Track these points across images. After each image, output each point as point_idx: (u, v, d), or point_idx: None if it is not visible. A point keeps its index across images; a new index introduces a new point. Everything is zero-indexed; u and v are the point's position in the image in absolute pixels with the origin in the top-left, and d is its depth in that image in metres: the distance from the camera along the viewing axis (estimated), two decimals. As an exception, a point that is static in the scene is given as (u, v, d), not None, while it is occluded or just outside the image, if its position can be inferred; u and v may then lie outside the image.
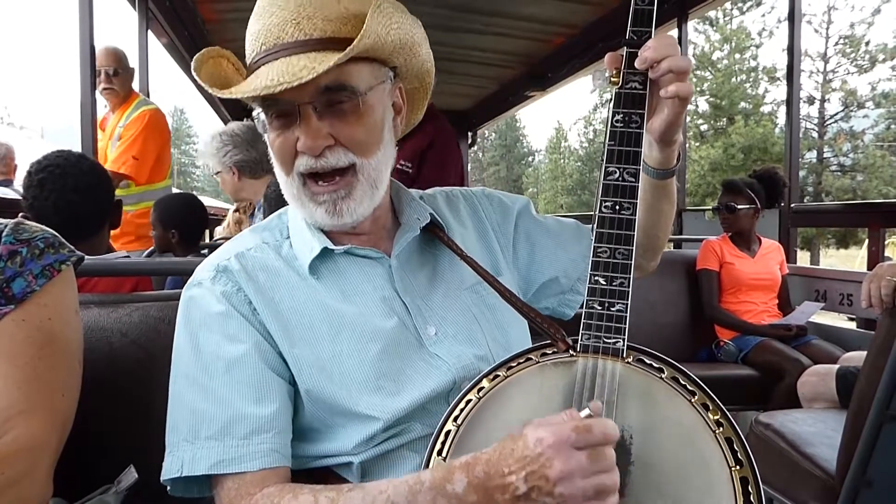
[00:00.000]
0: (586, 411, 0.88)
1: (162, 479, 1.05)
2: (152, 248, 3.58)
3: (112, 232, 2.39)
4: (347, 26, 1.07)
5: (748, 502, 0.88)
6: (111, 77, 3.97)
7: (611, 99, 1.09)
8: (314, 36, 1.05)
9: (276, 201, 2.61)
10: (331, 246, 1.15)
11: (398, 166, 3.91)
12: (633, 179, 1.04)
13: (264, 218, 1.35)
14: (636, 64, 1.05)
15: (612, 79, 1.09)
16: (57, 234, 1.22)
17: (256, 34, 1.09)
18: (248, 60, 1.12)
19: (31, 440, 1.04)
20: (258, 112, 1.12)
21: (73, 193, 2.05)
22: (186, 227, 3.46)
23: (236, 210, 5.73)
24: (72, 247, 1.23)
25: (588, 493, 0.83)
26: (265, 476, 1.02)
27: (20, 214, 2.00)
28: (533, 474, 0.83)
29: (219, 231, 6.54)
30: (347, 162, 1.09)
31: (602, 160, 1.06)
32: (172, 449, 1.06)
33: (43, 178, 2.04)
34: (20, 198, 2.12)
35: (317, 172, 1.09)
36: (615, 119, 1.06)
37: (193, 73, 1.10)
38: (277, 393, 1.07)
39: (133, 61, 4.78)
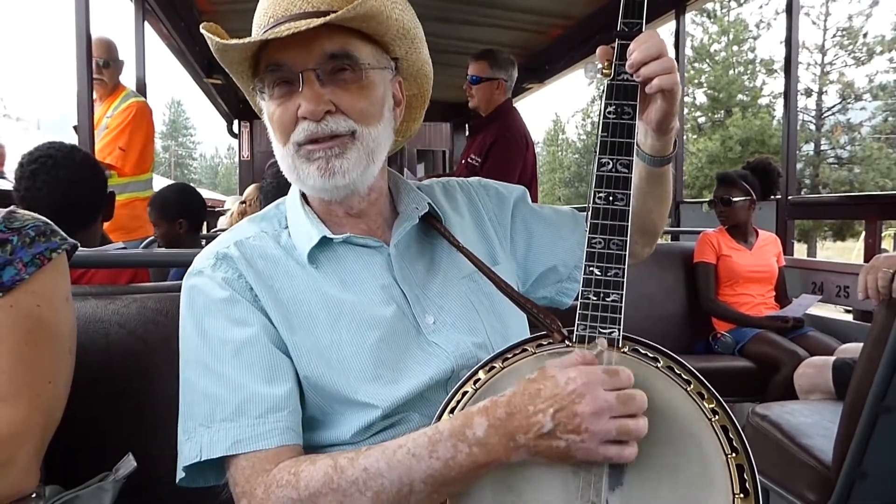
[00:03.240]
0: (598, 348, 0.94)
1: (181, 466, 1.05)
2: (149, 238, 3.57)
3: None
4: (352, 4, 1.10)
5: (744, 489, 0.89)
6: (101, 68, 3.98)
7: (603, 91, 1.09)
8: (321, 8, 1.08)
9: (272, 194, 2.61)
10: (330, 234, 1.16)
11: (469, 160, 4.18)
12: (626, 170, 1.04)
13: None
14: (627, 67, 1.05)
15: (604, 70, 1.09)
16: (49, 221, 1.21)
17: (266, 9, 1.11)
18: (253, 36, 1.13)
19: (11, 428, 1.03)
20: (257, 90, 1.14)
21: (65, 184, 2.04)
22: (192, 214, 3.46)
23: (242, 202, 5.74)
24: (64, 234, 1.22)
25: (611, 433, 0.86)
26: (280, 453, 1.02)
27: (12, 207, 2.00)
28: (562, 411, 0.86)
29: (222, 221, 6.53)
30: (347, 129, 1.10)
31: (595, 151, 1.06)
32: (189, 436, 1.05)
33: (35, 170, 2.04)
34: (12, 189, 2.12)
35: (315, 139, 1.10)
36: (608, 111, 1.06)
37: (204, 31, 1.10)
38: (288, 373, 1.08)
39: (129, 52, 4.78)
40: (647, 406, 0.89)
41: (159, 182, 4.95)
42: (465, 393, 1.00)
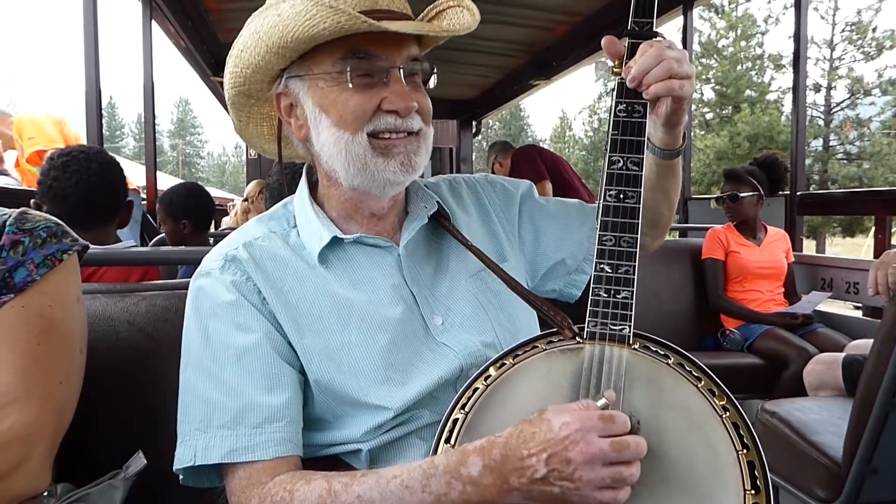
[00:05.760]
0: (602, 401, 0.90)
1: (175, 468, 1.06)
2: (160, 236, 3.60)
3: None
4: (408, 11, 1.15)
5: (755, 486, 0.89)
6: None
7: (614, 88, 1.09)
8: (405, 11, 1.13)
9: (278, 192, 2.61)
10: (340, 235, 1.15)
11: None
12: (637, 168, 1.04)
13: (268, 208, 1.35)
14: (628, 84, 1.05)
15: (615, 69, 1.09)
16: (61, 223, 1.22)
17: None
18: (327, 21, 1.04)
19: (25, 428, 1.03)
20: (329, 72, 1.10)
21: (95, 176, 2.13)
22: (196, 216, 3.49)
23: (245, 199, 5.76)
24: (76, 235, 1.22)
25: (606, 480, 0.85)
26: (277, 465, 1.02)
27: (32, 202, 2.03)
28: (554, 457, 0.85)
29: (226, 221, 6.56)
30: (419, 128, 1.13)
31: (605, 149, 1.06)
32: (185, 438, 1.06)
33: (67, 162, 2.12)
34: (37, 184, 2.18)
35: (395, 132, 1.11)
36: (618, 109, 1.06)
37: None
38: (288, 382, 1.08)
39: (137, 52, 4.82)
40: (644, 451, 0.87)
41: (167, 181, 4.98)
42: (476, 389, 1.00)
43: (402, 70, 1.10)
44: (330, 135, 1.11)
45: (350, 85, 1.08)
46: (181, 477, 1.07)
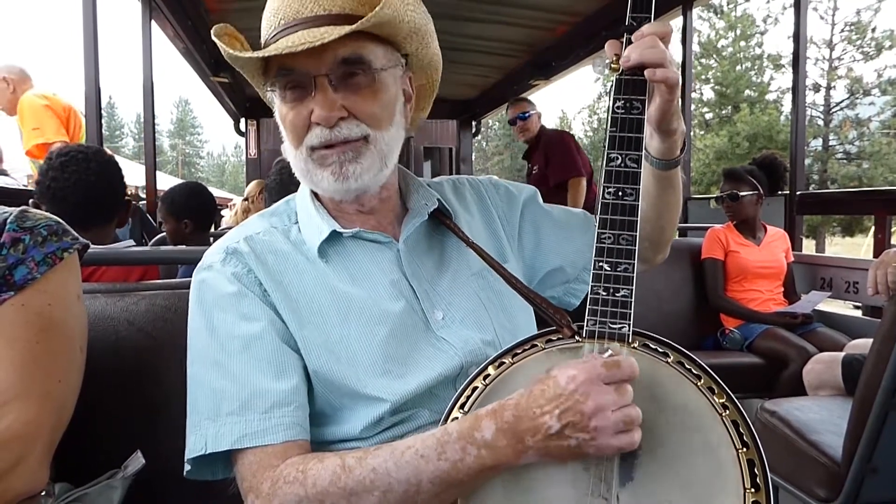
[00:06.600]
0: (608, 353, 0.93)
1: (186, 458, 1.06)
2: (160, 236, 3.61)
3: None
4: (364, 7, 1.09)
5: (755, 484, 0.89)
6: None
7: (612, 86, 1.09)
8: (333, 11, 1.08)
9: (277, 191, 2.62)
10: (339, 229, 1.16)
11: (534, 172, 5.74)
12: (636, 165, 1.03)
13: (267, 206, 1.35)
14: (621, 61, 1.05)
15: (612, 65, 1.09)
16: (61, 221, 1.22)
17: (275, 10, 1.10)
18: (263, 39, 1.13)
19: (23, 426, 1.03)
20: (268, 90, 1.14)
21: (94, 176, 2.13)
22: (198, 215, 3.49)
23: (245, 199, 5.77)
24: (76, 234, 1.22)
25: (619, 425, 0.87)
26: (287, 448, 1.02)
27: (30, 202, 2.03)
28: (568, 411, 0.87)
29: (226, 220, 6.56)
30: (360, 133, 1.10)
31: (604, 147, 1.06)
32: (194, 429, 1.06)
33: (65, 162, 2.12)
34: (31, 185, 2.18)
35: (329, 144, 1.10)
36: (616, 105, 1.06)
37: (215, 38, 1.11)
38: (295, 368, 1.08)
39: (136, 51, 4.82)
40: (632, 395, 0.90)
41: (167, 181, 5.00)
42: (476, 389, 1.00)
43: (329, 77, 1.07)
44: (287, 150, 1.16)
45: (284, 101, 1.12)
46: (187, 469, 1.07)
